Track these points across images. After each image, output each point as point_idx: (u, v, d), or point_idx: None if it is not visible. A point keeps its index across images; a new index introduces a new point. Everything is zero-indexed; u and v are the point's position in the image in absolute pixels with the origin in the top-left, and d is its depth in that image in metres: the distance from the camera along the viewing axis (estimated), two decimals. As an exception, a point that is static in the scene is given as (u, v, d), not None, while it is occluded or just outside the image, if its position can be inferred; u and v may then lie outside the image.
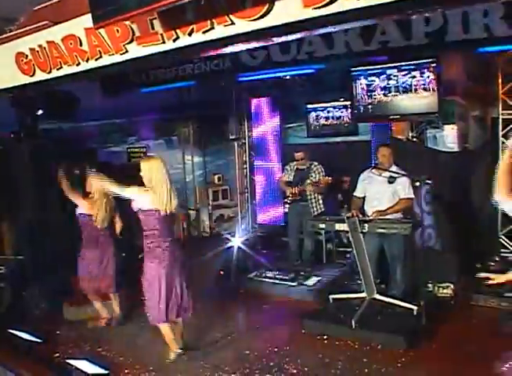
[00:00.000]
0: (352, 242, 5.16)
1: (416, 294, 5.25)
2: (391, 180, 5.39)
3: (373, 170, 5.61)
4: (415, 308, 5.05)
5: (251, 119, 9.68)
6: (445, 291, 5.84)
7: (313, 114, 9.07)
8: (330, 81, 8.14)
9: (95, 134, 8.51)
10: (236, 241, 7.29)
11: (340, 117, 8.43)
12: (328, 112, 9.03)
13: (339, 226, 5.22)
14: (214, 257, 7.72)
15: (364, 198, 5.68)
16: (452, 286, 5.75)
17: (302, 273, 6.76)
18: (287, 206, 7.31)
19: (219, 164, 10.28)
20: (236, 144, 9.88)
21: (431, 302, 5.39)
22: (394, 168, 5.53)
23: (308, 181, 6.96)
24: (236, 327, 5.46)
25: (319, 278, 6.58)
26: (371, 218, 5.30)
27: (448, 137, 6.94)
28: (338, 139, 8.67)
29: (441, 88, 5.90)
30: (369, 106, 6.36)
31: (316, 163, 7.11)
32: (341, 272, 6.86)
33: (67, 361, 4.31)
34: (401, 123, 6.83)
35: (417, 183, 5.00)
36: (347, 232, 5.35)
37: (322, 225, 5.33)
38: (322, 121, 9.04)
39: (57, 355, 4.91)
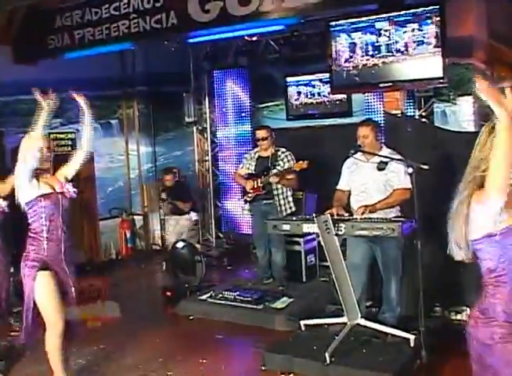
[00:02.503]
0: (325, 248, 4.97)
1: (416, 320, 5.02)
2: (381, 166, 5.27)
3: (359, 155, 5.43)
4: (412, 337, 4.91)
5: (214, 97, 9.69)
6: (458, 316, 5.70)
7: (294, 90, 8.96)
8: (313, 44, 8.06)
9: (3, 113, 8.25)
10: (192, 254, 7.39)
11: (329, 93, 8.30)
12: (313, 87, 8.99)
13: (308, 227, 5.03)
14: (162, 274, 7.75)
15: (350, 192, 5.57)
16: (469, 311, 5.45)
17: (271, 294, 6.69)
18: (247, 205, 7.22)
19: (174, 156, 10.24)
20: (194, 129, 9.93)
21: (438, 331, 5.25)
22: (385, 152, 5.39)
23: (274, 171, 6.85)
24: (173, 365, 5.26)
25: (291, 300, 6.51)
26: (355, 216, 5.13)
27: (462, 113, 6.85)
28: (327, 122, 8.61)
29: (449, 47, 5.84)
30: (353, 72, 6.35)
31: (284, 149, 7.03)
32: (322, 292, 6.69)
33: None
34: (395, 93, 6.72)
35: (410, 169, 4.76)
36: (317, 235, 5.11)
37: (286, 227, 5.14)
38: (306, 99, 8.93)
39: None
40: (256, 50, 8.79)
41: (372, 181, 5.35)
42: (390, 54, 6.08)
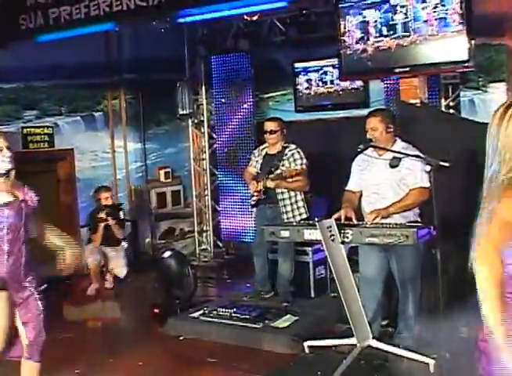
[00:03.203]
0: (329, 258, 4.92)
1: (437, 341, 5.06)
2: (395, 163, 5.25)
3: (370, 151, 5.45)
4: (432, 362, 4.89)
5: (211, 86, 9.78)
6: (487, 338, 5.55)
7: (303, 77, 8.97)
8: (325, 25, 7.99)
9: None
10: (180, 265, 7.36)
11: (343, 80, 8.36)
12: (325, 74, 9.04)
13: (310, 234, 4.99)
14: (150, 289, 8.05)
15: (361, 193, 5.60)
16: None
17: (272, 311, 6.66)
18: (254, 210, 7.30)
19: (167, 154, 10.29)
20: (190, 123, 9.94)
21: (462, 354, 4.91)
22: (399, 146, 5.38)
23: (278, 171, 6.81)
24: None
25: (296, 318, 6.46)
26: (364, 222, 5.13)
27: (493, 102, 6.81)
28: (341, 114, 8.67)
29: (476, 26, 5.83)
30: (365, 55, 6.34)
31: (293, 146, 6.98)
32: (332, 309, 6.64)
33: None
34: (412, 80, 6.61)
35: (427, 167, 4.74)
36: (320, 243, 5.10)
37: (285, 234, 5.12)
38: (317, 88, 8.96)
39: None
40: (259, 32, 8.77)
41: (384, 180, 5.34)
42: (407, 34, 6.06)
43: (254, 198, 7.02)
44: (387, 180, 5.32)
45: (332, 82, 8.87)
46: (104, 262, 8.46)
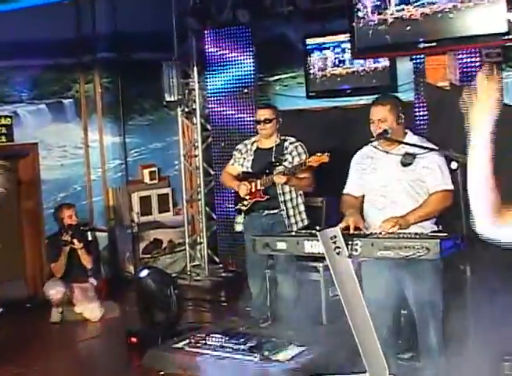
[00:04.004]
0: (334, 276, 4.86)
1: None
2: (408, 161, 5.24)
3: (376, 144, 5.47)
4: None
5: (205, 66, 9.80)
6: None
7: (317, 56, 8.95)
8: None
9: None
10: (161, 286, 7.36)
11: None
12: (343, 51, 9.01)
13: (312, 246, 4.93)
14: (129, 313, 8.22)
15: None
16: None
17: (273, 340, 6.67)
18: (241, 218, 7.33)
19: (152, 149, 10.35)
20: (179, 112, 9.98)
21: None
22: (412, 140, 5.41)
23: (281, 168, 6.89)
24: None
25: (302, 349, 6.48)
26: (376, 231, 5.08)
27: None
28: (363, 100, 8.63)
29: None
30: (382, 28, 6.35)
31: (293, 139, 7.16)
32: (347, 338, 6.57)
33: None
34: (440, 58, 6.59)
35: (454, 164, 4.73)
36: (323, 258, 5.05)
37: (282, 246, 5.06)
38: (333, 69, 8.97)
39: None
40: (262, 1, 8.78)
41: (394, 181, 5.34)
42: (433, 1, 6.08)
43: (246, 202, 7.10)
44: (398, 181, 5.34)
45: (351, 62, 8.85)
46: (70, 297, 8.34)
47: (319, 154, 6.71)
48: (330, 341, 6.69)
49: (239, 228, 7.46)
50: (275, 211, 7.03)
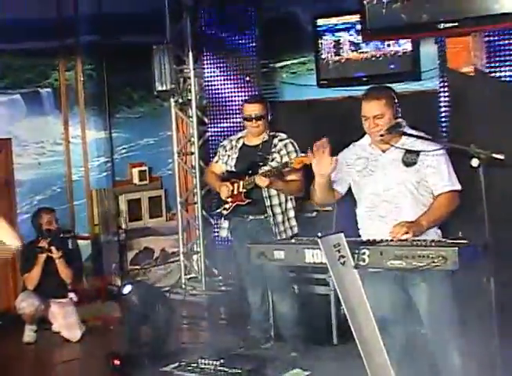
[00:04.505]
0: (338, 289, 4.89)
1: None
2: (411, 160, 5.31)
3: (366, 143, 5.56)
4: None
5: (201, 51, 9.87)
6: None
7: (329, 39, 8.97)
8: None
9: None
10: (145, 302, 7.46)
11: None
12: (358, 33, 8.93)
13: (314, 255, 4.96)
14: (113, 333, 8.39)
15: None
16: None
17: (275, 363, 6.77)
18: (225, 223, 7.42)
19: (142, 146, 10.42)
20: (172, 103, 10.08)
21: None
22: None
23: (267, 168, 6.97)
24: None
25: (307, 372, 6.59)
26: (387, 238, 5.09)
27: None
28: None
29: None
30: (396, 6, 6.40)
31: (284, 135, 7.26)
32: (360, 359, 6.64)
33: None
34: (464, 39, 6.60)
35: (475, 161, 4.69)
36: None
37: (279, 255, 5.06)
38: (348, 54, 9.08)
39: None
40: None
41: (398, 183, 5.37)
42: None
43: (228, 206, 7.17)
44: (401, 183, 5.36)
45: (368, 45, 8.84)
46: (44, 314, 8.35)
47: (302, 155, 6.73)
48: (341, 365, 6.65)
49: (223, 233, 7.54)
50: (261, 216, 7.12)
